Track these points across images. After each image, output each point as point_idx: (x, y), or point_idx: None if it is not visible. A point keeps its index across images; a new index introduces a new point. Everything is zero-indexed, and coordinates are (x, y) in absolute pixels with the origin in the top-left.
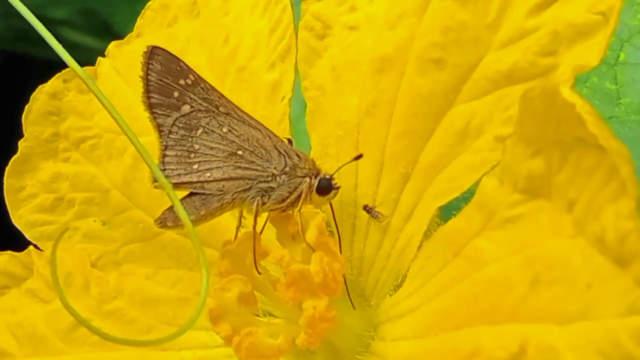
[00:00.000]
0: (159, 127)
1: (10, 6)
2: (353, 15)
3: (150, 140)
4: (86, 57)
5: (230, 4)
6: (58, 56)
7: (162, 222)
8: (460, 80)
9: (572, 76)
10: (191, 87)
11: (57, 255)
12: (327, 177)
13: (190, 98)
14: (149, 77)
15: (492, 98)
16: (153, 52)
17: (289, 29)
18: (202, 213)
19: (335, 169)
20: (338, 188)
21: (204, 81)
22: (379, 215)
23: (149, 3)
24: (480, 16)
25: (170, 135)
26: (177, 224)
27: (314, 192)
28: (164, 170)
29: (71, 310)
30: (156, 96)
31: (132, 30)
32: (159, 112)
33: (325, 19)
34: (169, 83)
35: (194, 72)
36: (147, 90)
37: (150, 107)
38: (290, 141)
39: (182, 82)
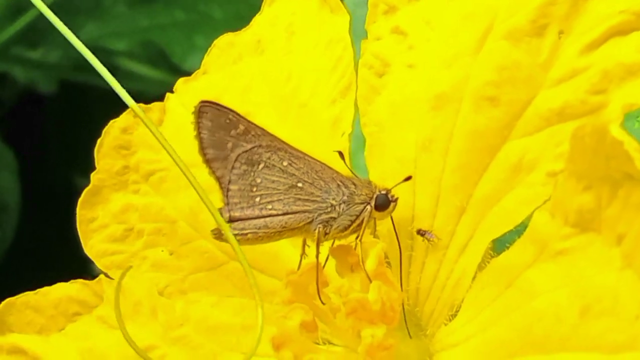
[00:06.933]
0: (218, 180)
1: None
2: (411, 54)
3: None
4: (141, 86)
5: (293, 42)
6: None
7: (217, 233)
8: (513, 117)
9: (622, 113)
10: (243, 136)
11: (126, 284)
12: (384, 192)
13: (243, 145)
14: (202, 135)
15: (544, 135)
16: (201, 111)
17: (350, 67)
18: (259, 234)
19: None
20: (396, 200)
21: (255, 127)
22: (433, 238)
23: (215, 41)
24: (533, 55)
25: (234, 170)
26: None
27: (373, 210)
28: (227, 203)
29: (128, 339)
30: (211, 151)
31: (189, 62)
32: (217, 165)
33: (384, 58)
34: (221, 136)
35: (244, 120)
36: (202, 147)
37: (207, 162)
38: (341, 154)
39: (233, 132)
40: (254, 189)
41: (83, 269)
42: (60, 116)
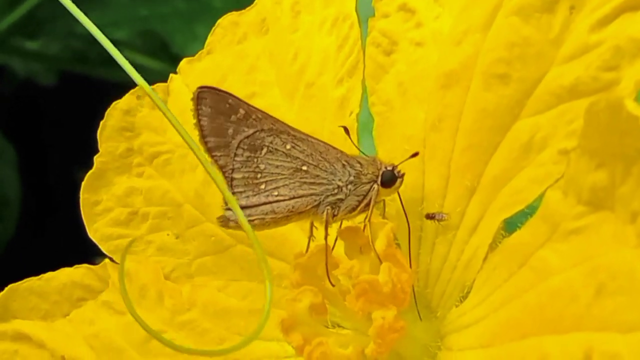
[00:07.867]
0: (221, 169)
1: (72, 27)
2: (419, 32)
3: None
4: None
5: (299, 21)
6: (114, 76)
7: (223, 220)
8: (524, 95)
9: (635, 90)
10: (243, 121)
11: (131, 268)
12: (389, 168)
13: (244, 131)
14: (202, 122)
15: (555, 112)
16: (200, 97)
17: (357, 46)
18: (266, 219)
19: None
20: (402, 175)
21: (256, 111)
22: (444, 217)
23: (219, 21)
24: (544, 32)
25: (236, 158)
26: (239, 225)
27: (380, 187)
28: (233, 193)
29: (141, 323)
30: (212, 139)
31: (190, 51)
32: (219, 154)
33: (392, 36)
34: (222, 122)
35: (244, 103)
36: (203, 136)
37: (209, 151)
38: (346, 130)
39: (233, 117)
40: (259, 176)
41: (85, 261)
42: (60, 108)
